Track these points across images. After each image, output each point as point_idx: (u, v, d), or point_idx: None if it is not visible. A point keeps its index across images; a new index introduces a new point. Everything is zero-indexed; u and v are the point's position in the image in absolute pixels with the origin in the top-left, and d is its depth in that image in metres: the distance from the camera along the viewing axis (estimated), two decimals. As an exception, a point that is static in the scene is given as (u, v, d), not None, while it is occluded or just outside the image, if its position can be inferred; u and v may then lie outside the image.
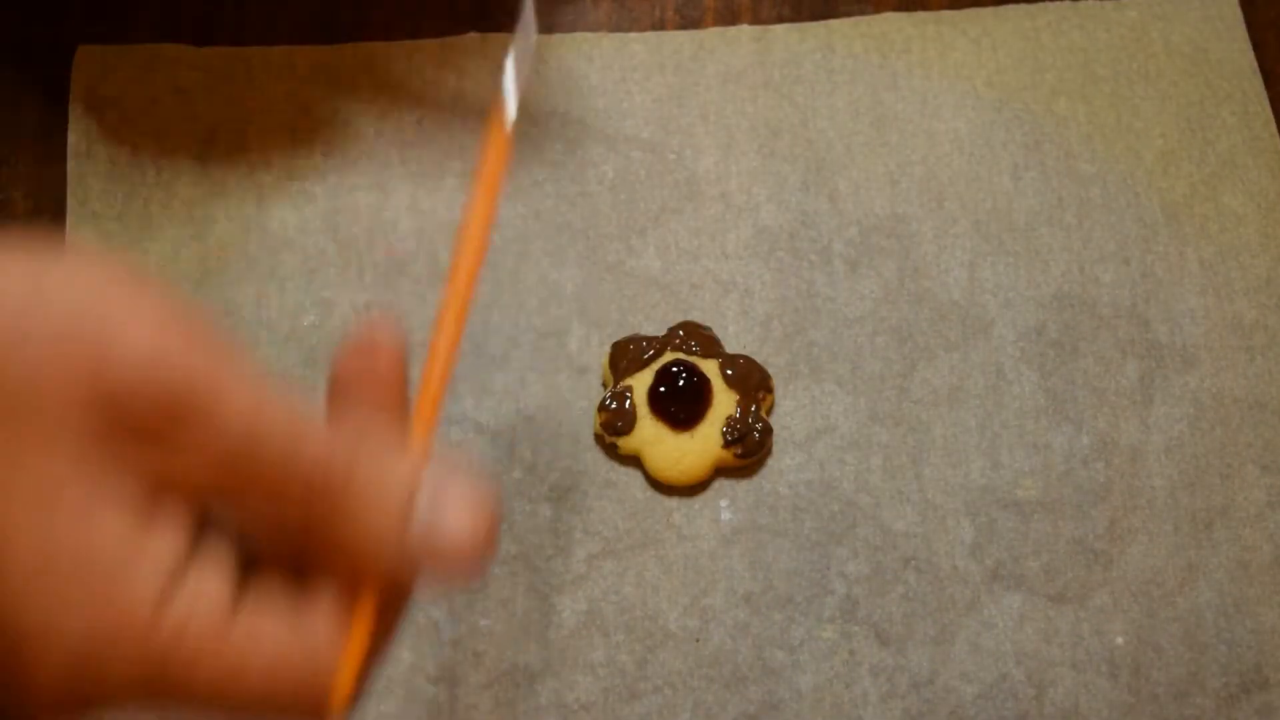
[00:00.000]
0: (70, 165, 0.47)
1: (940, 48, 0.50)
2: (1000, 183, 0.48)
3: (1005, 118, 0.49)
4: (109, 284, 0.24)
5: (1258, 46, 0.51)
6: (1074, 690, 0.42)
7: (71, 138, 0.47)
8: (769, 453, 0.44)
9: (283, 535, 0.25)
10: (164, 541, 0.24)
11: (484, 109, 0.26)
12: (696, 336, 0.45)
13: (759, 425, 0.44)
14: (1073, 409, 0.45)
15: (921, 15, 0.51)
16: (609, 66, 0.49)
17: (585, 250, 0.46)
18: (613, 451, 0.44)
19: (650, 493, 0.44)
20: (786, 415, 0.45)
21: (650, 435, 0.43)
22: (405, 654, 0.42)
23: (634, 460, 0.44)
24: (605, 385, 0.44)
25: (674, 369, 0.44)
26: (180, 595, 0.24)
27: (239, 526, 0.26)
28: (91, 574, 0.23)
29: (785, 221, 0.47)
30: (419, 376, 0.27)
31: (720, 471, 0.44)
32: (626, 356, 0.44)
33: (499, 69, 0.29)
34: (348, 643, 0.25)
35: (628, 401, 0.44)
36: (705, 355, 0.44)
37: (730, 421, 0.43)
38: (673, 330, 0.45)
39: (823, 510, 0.44)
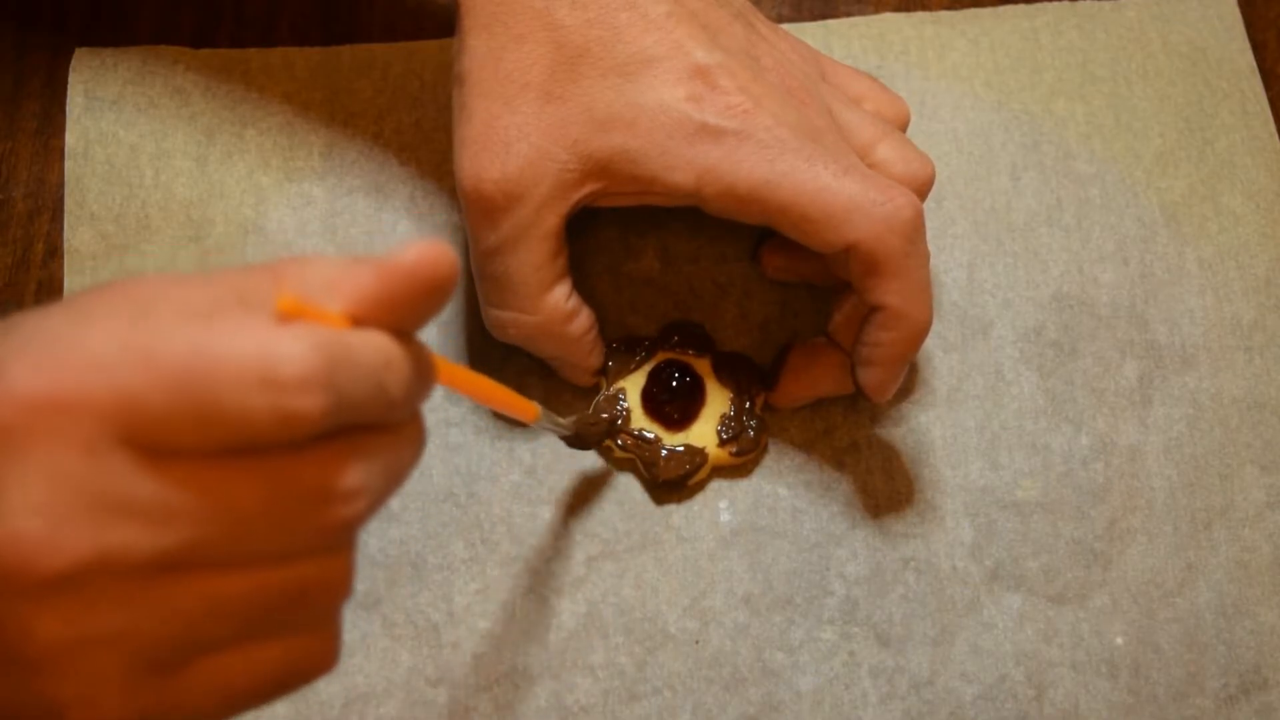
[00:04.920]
0: (68, 166, 0.47)
1: (938, 48, 0.50)
2: (999, 183, 0.48)
3: (1004, 118, 0.49)
4: None
5: (1257, 46, 0.51)
6: (1074, 691, 0.42)
7: (69, 139, 0.47)
8: (765, 450, 0.44)
9: None
10: None
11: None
12: (690, 336, 0.45)
13: (753, 422, 0.43)
14: (1072, 409, 0.45)
15: (920, 16, 0.51)
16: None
17: (584, 252, 0.46)
18: (609, 454, 0.44)
19: (648, 494, 0.44)
20: (786, 417, 0.45)
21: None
22: (404, 656, 0.42)
23: (630, 462, 0.44)
24: (601, 387, 0.44)
25: (667, 369, 0.44)
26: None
27: None
28: None
29: (784, 222, 0.47)
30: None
31: (717, 471, 0.44)
32: (619, 358, 0.44)
33: None
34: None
35: (621, 404, 0.43)
36: (698, 354, 0.44)
37: (724, 420, 0.43)
38: (666, 330, 0.45)
39: (822, 511, 0.44)
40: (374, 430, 0.26)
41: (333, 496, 0.25)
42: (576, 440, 0.42)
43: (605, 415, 0.43)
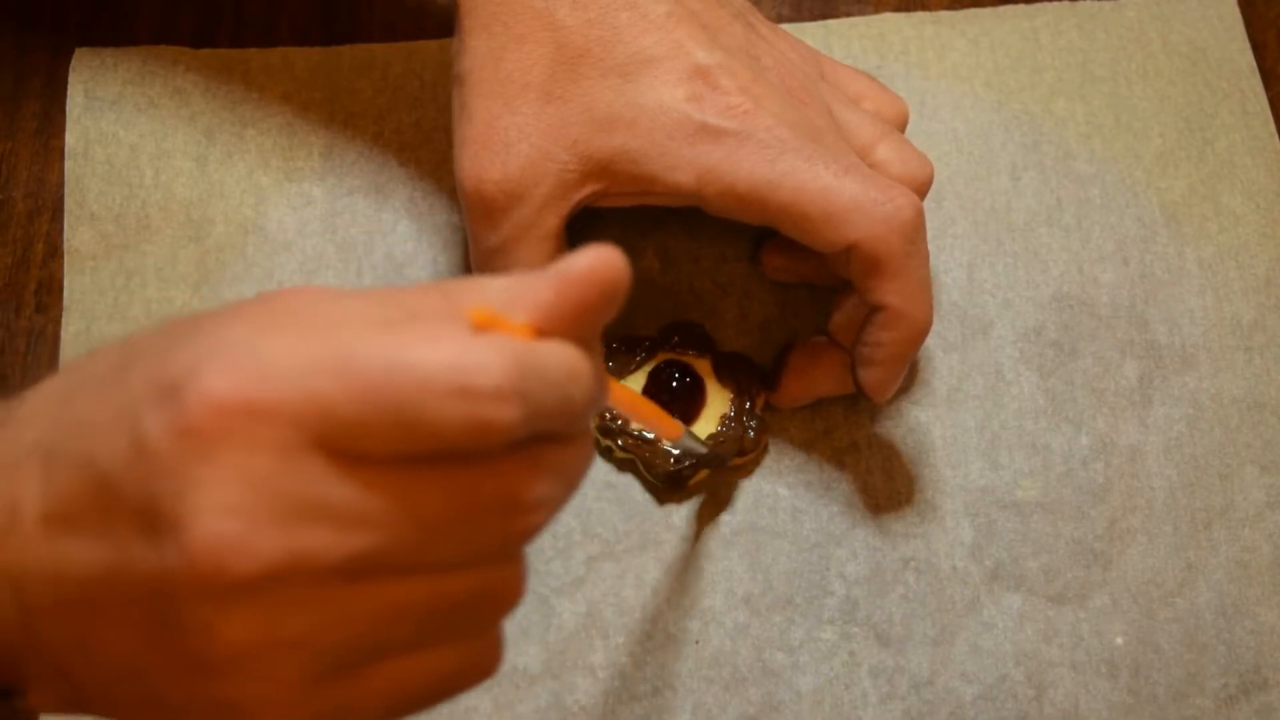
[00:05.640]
0: (68, 166, 0.47)
1: (938, 48, 0.50)
2: (999, 183, 0.48)
3: (1004, 118, 0.49)
4: None
5: (1257, 47, 0.51)
6: (1074, 691, 0.42)
7: (69, 139, 0.47)
8: (765, 450, 0.44)
9: None
10: None
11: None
12: (690, 336, 0.45)
13: (753, 422, 0.43)
14: (1072, 409, 0.45)
15: (920, 16, 0.51)
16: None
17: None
18: (609, 454, 0.44)
19: (648, 494, 0.44)
20: (786, 417, 0.45)
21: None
22: (404, 656, 0.42)
23: (630, 463, 0.44)
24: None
25: (667, 370, 0.44)
26: None
27: None
28: None
29: (784, 222, 0.47)
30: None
31: (718, 471, 0.44)
32: (619, 358, 0.44)
33: None
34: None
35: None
36: (698, 354, 0.44)
37: (725, 420, 0.43)
38: (666, 330, 0.45)
39: (822, 511, 0.44)
40: (555, 440, 0.26)
41: (518, 506, 0.26)
42: (714, 459, 0.42)
43: (733, 433, 0.43)
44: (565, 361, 0.26)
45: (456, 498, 0.25)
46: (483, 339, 0.24)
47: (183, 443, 0.23)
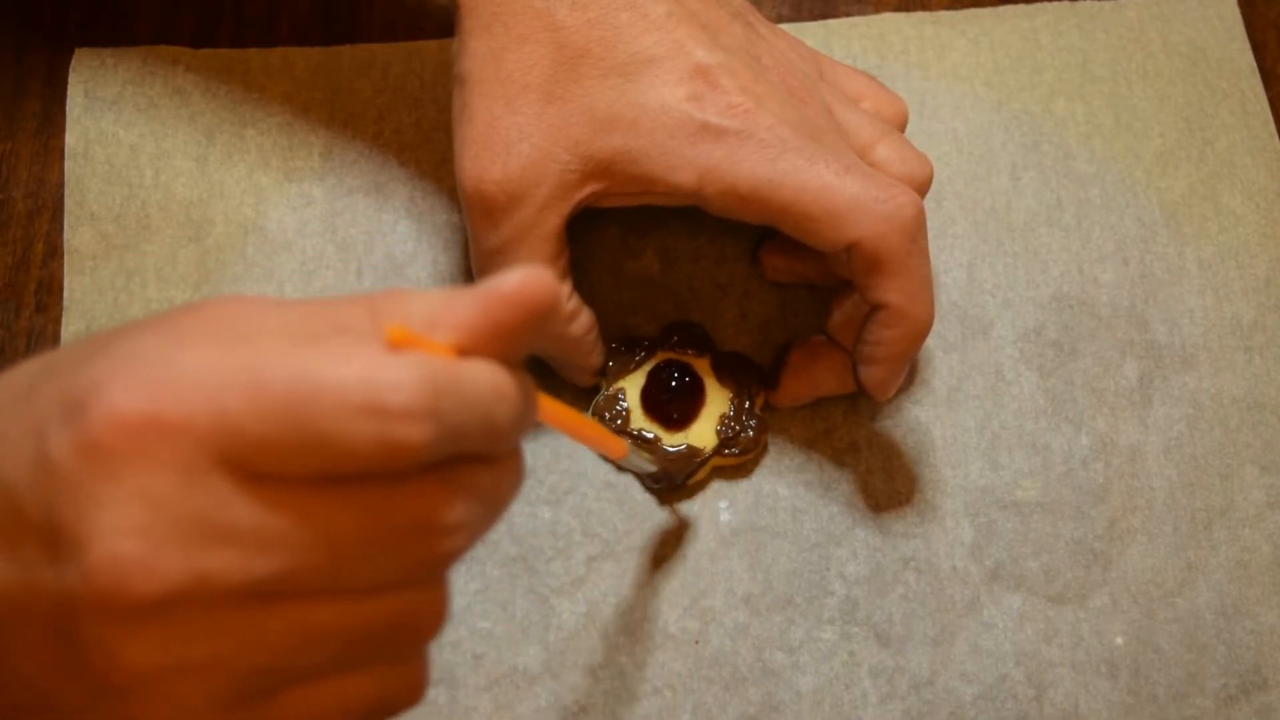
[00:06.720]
0: (68, 166, 0.47)
1: (939, 48, 0.50)
2: (999, 183, 0.48)
3: (1004, 118, 0.49)
4: None
5: (1257, 47, 0.51)
6: (1074, 691, 0.42)
7: (69, 139, 0.47)
8: (764, 450, 0.44)
9: None
10: None
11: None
12: (689, 336, 0.45)
13: (752, 422, 0.43)
14: (1072, 409, 0.45)
15: (920, 16, 0.51)
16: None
17: (584, 252, 0.46)
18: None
19: (648, 494, 0.44)
20: (786, 417, 0.45)
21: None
22: (404, 656, 0.42)
23: (632, 462, 0.44)
24: (601, 387, 0.44)
25: (666, 369, 0.44)
26: None
27: None
28: None
29: (784, 222, 0.47)
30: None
31: (717, 471, 0.44)
32: (619, 358, 0.44)
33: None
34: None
35: (621, 404, 0.43)
36: (698, 354, 0.44)
37: (724, 419, 0.43)
38: (666, 330, 0.45)
39: (822, 511, 0.44)
40: (477, 462, 0.26)
41: (433, 529, 0.25)
42: (663, 479, 0.42)
43: (682, 453, 0.43)
44: (487, 381, 0.25)
45: (368, 519, 0.24)
46: (397, 357, 0.24)
47: (86, 460, 0.22)
